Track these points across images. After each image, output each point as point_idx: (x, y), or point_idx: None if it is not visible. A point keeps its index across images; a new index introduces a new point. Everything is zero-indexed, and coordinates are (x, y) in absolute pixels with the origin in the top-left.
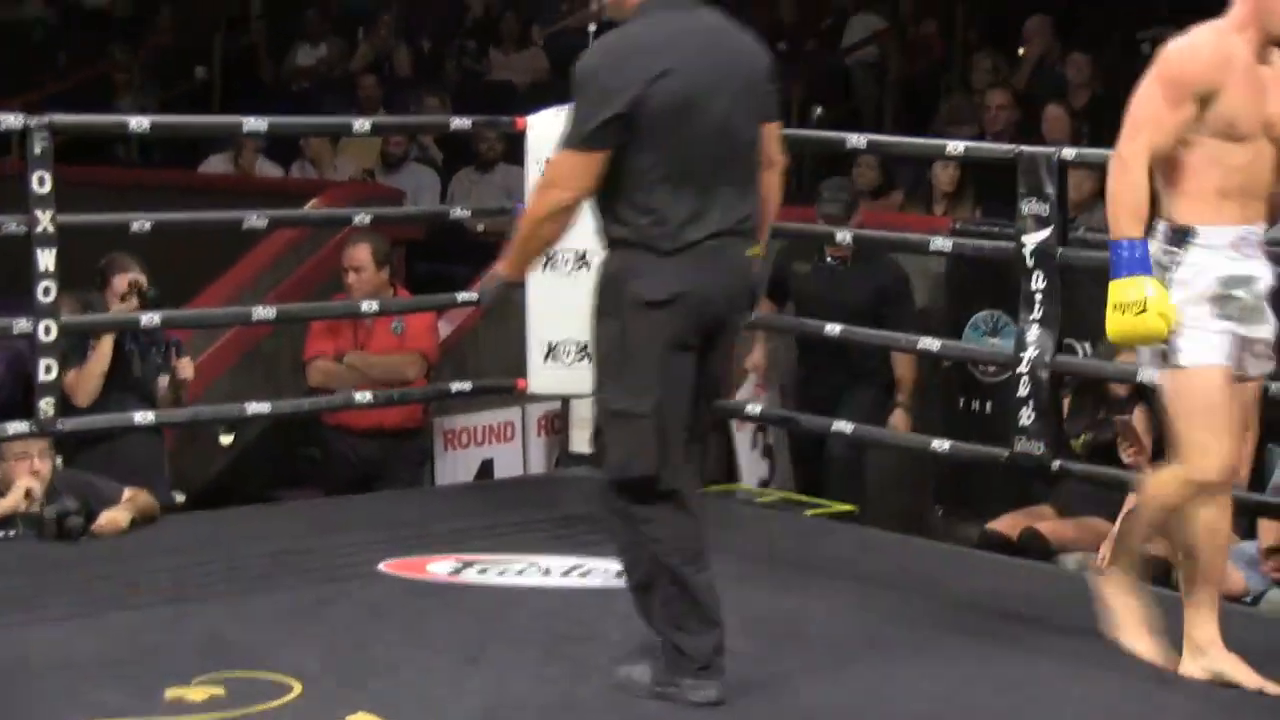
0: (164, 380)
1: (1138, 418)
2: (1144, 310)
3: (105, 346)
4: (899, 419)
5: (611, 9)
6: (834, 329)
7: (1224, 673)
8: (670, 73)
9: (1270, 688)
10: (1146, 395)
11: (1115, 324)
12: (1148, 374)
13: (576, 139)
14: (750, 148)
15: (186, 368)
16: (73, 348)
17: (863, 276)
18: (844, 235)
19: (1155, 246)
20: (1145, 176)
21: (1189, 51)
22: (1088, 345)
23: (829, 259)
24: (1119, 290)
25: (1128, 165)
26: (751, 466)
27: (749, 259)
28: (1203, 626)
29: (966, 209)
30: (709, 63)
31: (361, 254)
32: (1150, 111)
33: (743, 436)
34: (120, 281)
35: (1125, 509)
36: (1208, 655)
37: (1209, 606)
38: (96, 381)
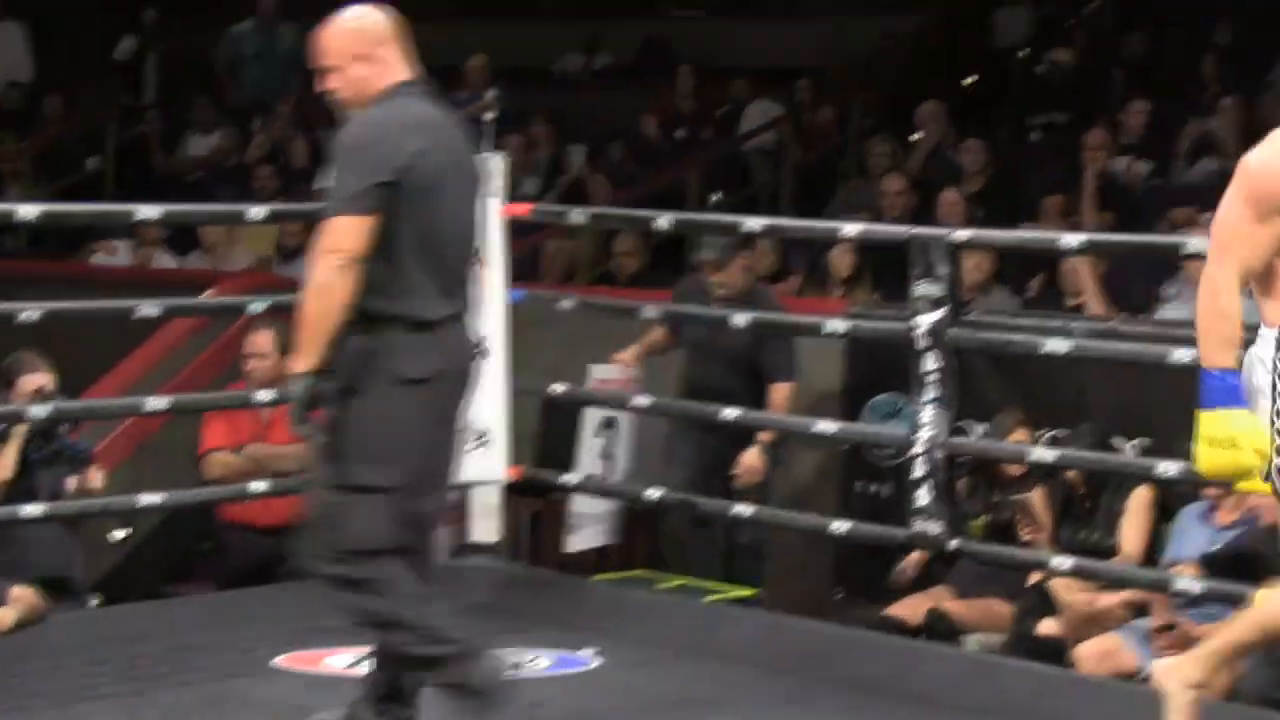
0: (71, 488)
1: (1036, 497)
2: (1236, 445)
3: (8, 455)
4: (752, 458)
5: (352, 99)
6: (731, 413)
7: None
8: (425, 152)
9: None
10: (1041, 475)
11: (1208, 459)
12: (1039, 454)
13: (350, 203)
14: (473, 234)
15: (95, 477)
16: None
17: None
18: (740, 319)
19: (1269, 350)
20: (1237, 301)
21: (1271, 163)
22: (983, 426)
23: (712, 304)
24: (1210, 424)
25: (1218, 290)
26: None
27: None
28: (1208, 674)
29: (864, 293)
30: (447, 148)
31: (264, 340)
32: (1236, 230)
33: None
34: (27, 384)
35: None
36: (1183, 694)
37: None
38: None
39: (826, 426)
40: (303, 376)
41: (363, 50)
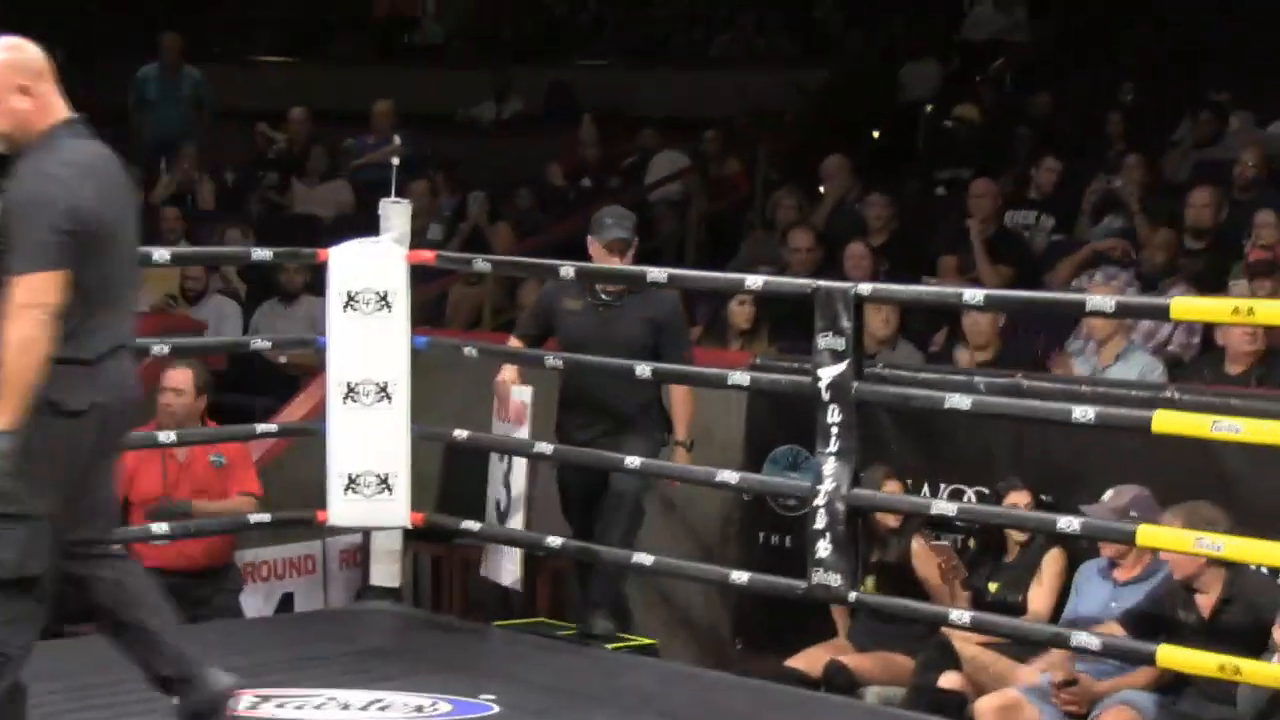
0: None
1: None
2: None
3: None
4: (680, 458)
5: (11, 134)
6: (634, 462)
7: None
8: (103, 197)
9: None
10: (917, 526)
11: None
12: (940, 506)
13: (44, 259)
14: (138, 269)
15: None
16: None
17: (636, 308)
18: (643, 369)
19: None
20: None
21: None
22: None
23: (602, 295)
24: None
25: None
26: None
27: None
28: None
29: (761, 345)
30: (118, 188)
31: (182, 377)
32: None
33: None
34: None
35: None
36: None
37: None
38: None
39: (729, 476)
40: (5, 435)
41: (24, 82)
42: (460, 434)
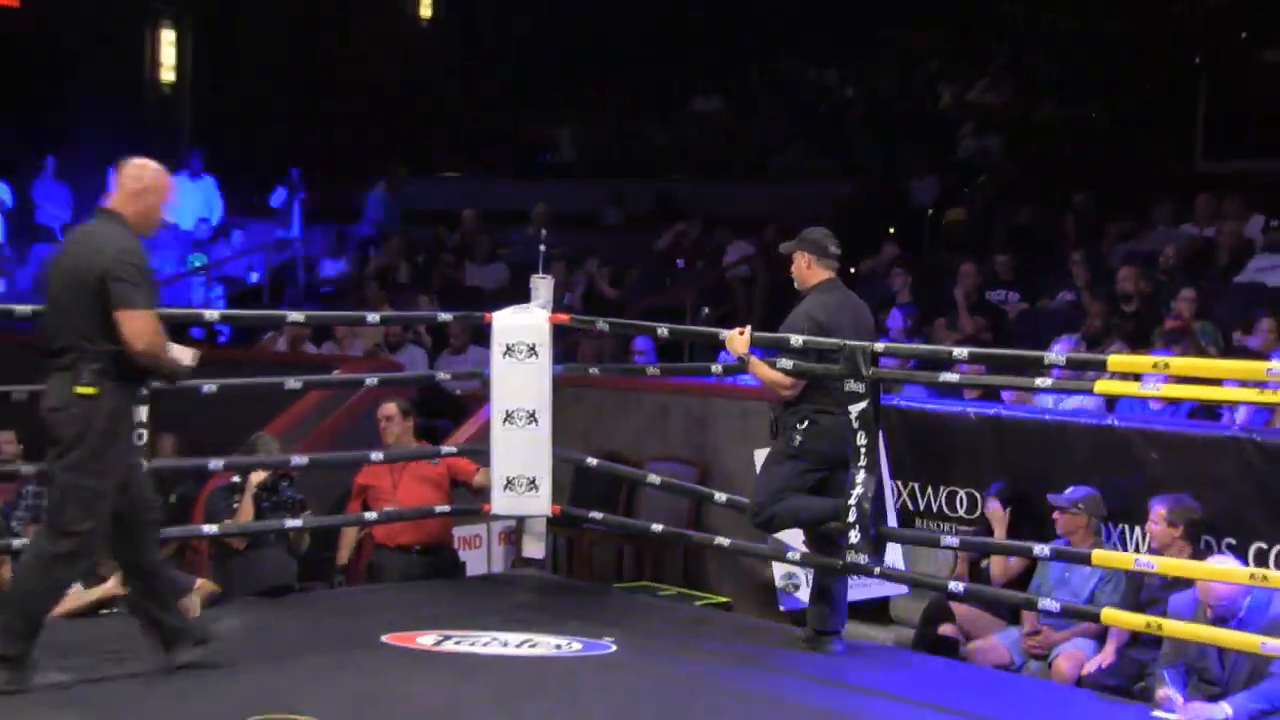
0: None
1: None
2: None
3: (246, 505)
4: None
5: None
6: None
7: None
8: None
9: None
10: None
11: None
12: (949, 541)
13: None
14: None
15: (308, 520)
16: (222, 505)
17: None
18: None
19: None
20: None
21: None
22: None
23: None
24: None
25: None
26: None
27: None
28: None
29: None
30: None
31: (391, 407)
32: None
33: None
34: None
35: None
36: None
37: None
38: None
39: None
40: None
41: None
42: (591, 462)
